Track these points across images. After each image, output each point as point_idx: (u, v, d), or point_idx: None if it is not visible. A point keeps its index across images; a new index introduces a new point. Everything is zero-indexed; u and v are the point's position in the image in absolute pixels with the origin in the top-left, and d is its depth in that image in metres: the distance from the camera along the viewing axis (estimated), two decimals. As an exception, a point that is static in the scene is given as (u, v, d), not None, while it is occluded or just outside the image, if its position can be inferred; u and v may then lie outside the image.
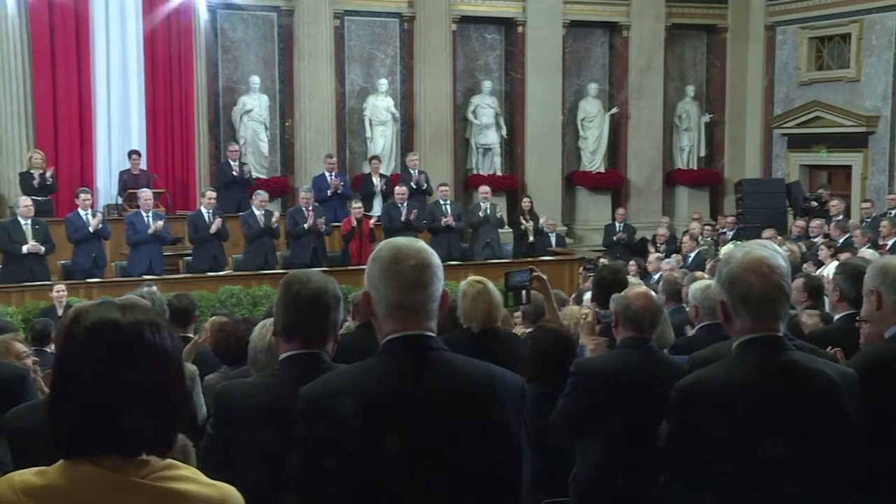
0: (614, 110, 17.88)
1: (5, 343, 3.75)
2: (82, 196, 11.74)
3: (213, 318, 6.98)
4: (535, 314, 5.67)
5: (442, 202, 13.68)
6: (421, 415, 2.17)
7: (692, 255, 13.17)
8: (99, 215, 11.80)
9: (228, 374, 4.57)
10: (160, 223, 11.78)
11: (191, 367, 4.14)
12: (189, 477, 1.71)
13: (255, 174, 14.83)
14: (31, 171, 12.78)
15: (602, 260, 11.94)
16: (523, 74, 17.17)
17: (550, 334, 4.44)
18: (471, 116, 16.96)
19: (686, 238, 13.97)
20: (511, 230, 15.03)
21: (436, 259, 2.31)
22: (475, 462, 2.20)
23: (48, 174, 12.80)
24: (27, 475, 1.69)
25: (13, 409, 2.85)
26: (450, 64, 16.41)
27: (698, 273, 8.24)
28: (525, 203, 14.93)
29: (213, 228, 11.93)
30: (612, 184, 17.94)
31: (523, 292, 5.21)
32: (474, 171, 17.00)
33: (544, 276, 5.44)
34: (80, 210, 11.66)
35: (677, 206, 18.59)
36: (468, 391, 2.24)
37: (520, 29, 17.12)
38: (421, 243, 2.34)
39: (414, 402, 2.18)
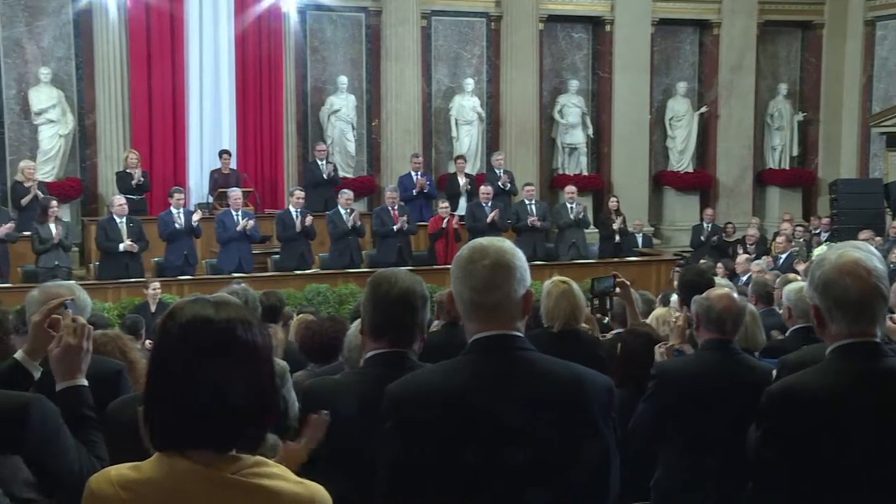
0: (703, 109, 17.58)
1: (115, 337, 3.85)
2: (175, 195, 12.03)
3: (300, 315, 7.10)
4: (625, 316, 5.60)
5: (527, 202, 13.62)
6: (507, 414, 2.16)
7: (783, 256, 12.86)
8: (250, 221, 11.96)
9: (315, 372, 4.62)
10: (250, 222, 11.99)
11: (281, 364, 4.19)
12: (278, 474, 1.73)
13: (341, 173, 14.98)
14: (127, 171, 13.14)
15: (702, 261, 11.74)
16: (610, 73, 17.00)
17: (642, 338, 4.36)
18: (557, 116, 16.87)
19: (780, 239, 13.65)
20: (597, 230, 14.89)
21: (516, 259, 2.27)
22: (562, 464, 2.18)
23: (142, 174, 13.15)
24: (123, 469, 1.74)
25: (114, 402, 2.94)
26: (536, 63, 16.34)
27: (791, 275, 8.04)
28: (611, 203, 14.78)
29: (298, 227, 12.10)
30: (701, 184, 17.64)
31: (608, 299, 5.17)
32: (560, 171, 16.89)
33: (628, 283, 5.38)
34: (172, 209, 11.94)
35: (768, 206, 18.19)
36: (555, 391, 2.22)
37: (607, 27, 16.95)
38: (504, 243, 2.31)
39: (500, 402, 2.17)
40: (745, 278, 10.81)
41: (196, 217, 11.93)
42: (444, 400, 2.18)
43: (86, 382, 2.44)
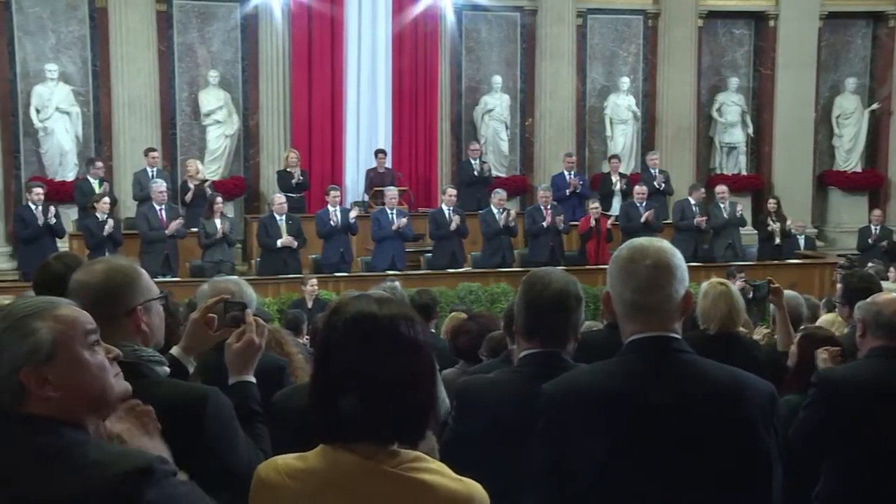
0: (875, 105, 16.76)
1: (273, 331, 3.98)
2: (332, 193, 12.34)
3: (452, 313, 7.16)
4: (792, 319, 5.38)
5: (692, 202, 13.34)
6: (664, 417, 2.13)
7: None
8: (404, 220, 12.15)
9: (466, 371, 4.65)
10: (404, 220, 12.17)
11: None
12: (437, 470, 1.75)
13: (494, 173, 15.04)
14: (287, 170, 13.58)
15: (870, 265, 11.15)
16: (773, 70, 16.42)
17: (822, 343, 4.16)
18: (715, 114, 16.44)
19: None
20: (756, 231, 14.42)
21: (676, 259, 2.24)
22: (720, 469, 2.13)
23: (301, 172, 13.57)
24: (289, 459, 1.80)
25: (279, 392, 3.04)
26: (694, 61, 15.98)
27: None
28: (771, 204, 14.28)
29: (452, 226, 12.21)
30: (870, 184, 16.81)
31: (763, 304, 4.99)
32: (717, 171, 16.45)
33: (782, 289, 5.19)
34: (329, 206, 12.24)
35: (948, 208, 17.15)
36: (714, 395, 2.17)
37: (771, 23, 16.38)
38: (663, 243, 2.28)
39: (657, 404, 2.14)
40: (917, 284, 10.23)
41: (352, 215, 12.21)
42: (600, 401, 2.16)
43: (254, 379, 2.53)
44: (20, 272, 12.03)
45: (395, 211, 12.28)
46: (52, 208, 11.52)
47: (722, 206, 13.42)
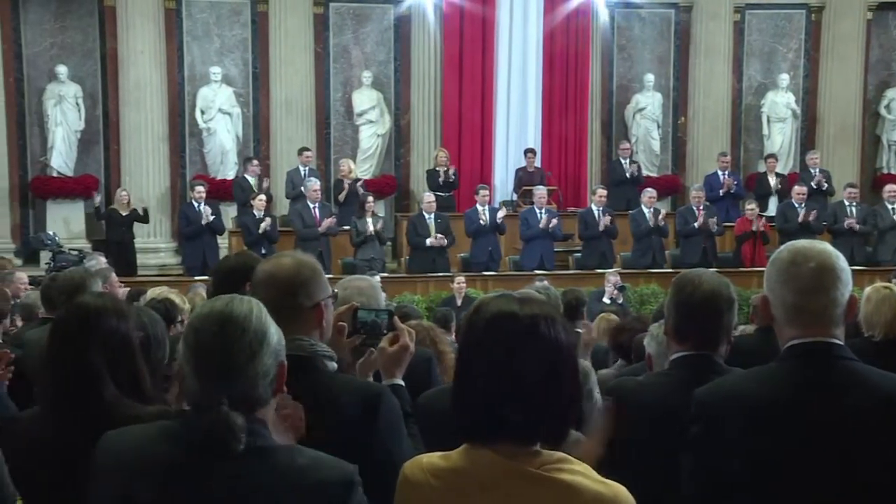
0: None
1: (429, 328, 4.04)
2: (481, 192, 12.41)
3: (602, 314, 7.08)
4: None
5: (847, 203, 12.74)
6: (824, 426, 2.05)
7: None
8: (555, 220, 12.13)
9: (621, 371, 4.60)
10: (555, 220, 12.12)
11: (584, 364, 4.19)
12: (581, 472, 1.72)
13: (645, 172, 14.82)
14: (437, 169, 13.74)
15: None
16: (951, 63, 15.53)
17: None
18: (883, 111, 15.69)
19: None
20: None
21: (841, 262, 2.17)
22: (882, 482, 2.04)
23: (451, 171, 13.69)
24: (434, 458, 1.81)
25: (426, 393, 3.07)
26: (861, 55, 15.30)
27: None
28: (943, 206, 13.47)
29: (601, 226, 12.09)
30: None
31: None
32: (884, 171, 15.67)
33: None
34: (478, 205, 12.31)
35: None
36: (879, 405, 2.07)
37: (948, 13, 15.50)
38: (826, 246, 2.21)
39: (817, 413, 2.06)
40: None
41: (500, 215, 12.23)
42: (756, 407, 2.10)
43: (403, 382, 2.55)
44: (184, 267, 12.60)
45: (543, 210, 12.24)
46: (206, 209, 12.01)
47: (890, 206, 12.75)
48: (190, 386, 1.81)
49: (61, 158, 13.74)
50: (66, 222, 13.70)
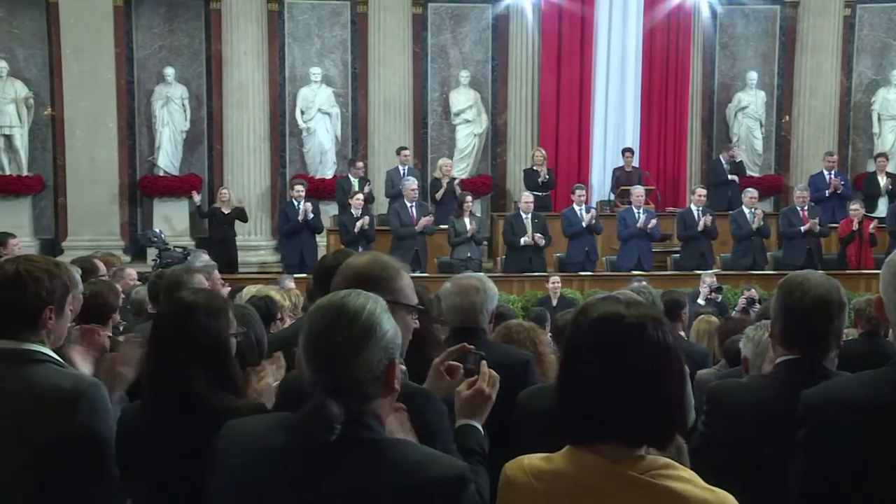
0: None
1: (530, 328, 4.04)
2: (577, 192, 12.32)
3: (701, 316, 6.96)
4: None
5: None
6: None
7: None
8: (654, 220, 12.02)
9: (721, 373, 4.51)
10: (654, 220, 11.97)
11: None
12: (686, 478, 1.70)
13: (747, 172, 14.51)
14: (534, 168, 13.69)
15: None
16: None
17: None
18: None
19: None
20: None
21: None
22: None
23: (547, 171, 13.62)
24: (535, 459, 1.80)
25: (525, 391, 3.05)
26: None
27: None
28: None
29: (700, 226, 11.88)
30: None
31: None
32: None
33: None
34: (574, 206, 12.23)
35: None
36: None
37: None
38: (942, 249, 2.12)
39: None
40: None
41: (587, 217, 12.05)
42: (865, 412, 2.05)
43: (481, 426, 2.42)
44: (283, 265, 12.84)
45: (641, 210, 12.10)
46: (306, 205, 12.19)
47: None
48: (304, 374, 1.84)
49: (167, 158, 14.15)
50: (170, 220, 14.11)
